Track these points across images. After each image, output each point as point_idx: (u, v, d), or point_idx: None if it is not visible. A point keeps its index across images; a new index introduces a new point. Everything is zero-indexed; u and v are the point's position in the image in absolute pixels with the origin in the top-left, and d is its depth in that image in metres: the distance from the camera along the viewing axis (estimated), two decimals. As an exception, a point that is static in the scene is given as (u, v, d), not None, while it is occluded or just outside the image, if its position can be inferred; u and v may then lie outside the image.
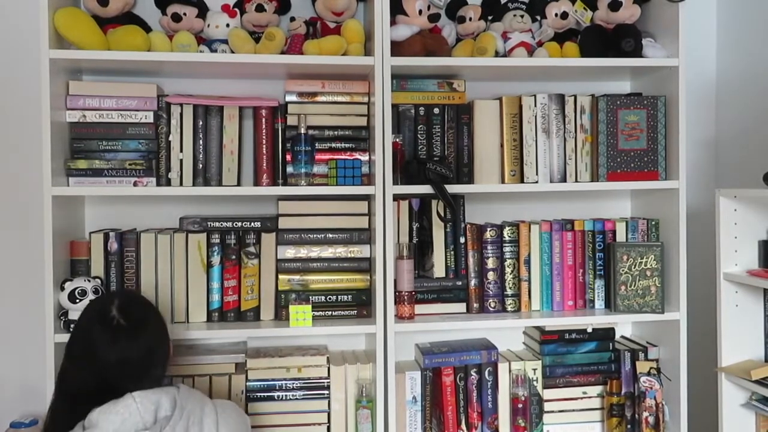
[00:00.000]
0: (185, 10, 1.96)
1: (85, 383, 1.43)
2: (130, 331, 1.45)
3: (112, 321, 1.44)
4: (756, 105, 2.25)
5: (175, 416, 1.41)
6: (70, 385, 1.46)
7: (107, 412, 1.36)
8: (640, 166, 2.07)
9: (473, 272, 2.07)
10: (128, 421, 1.36)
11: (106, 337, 1.43)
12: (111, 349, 1.42)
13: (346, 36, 1.95)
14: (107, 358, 1.42)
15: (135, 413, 1.37)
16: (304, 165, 1.95)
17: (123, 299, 1.51)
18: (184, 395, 1.46)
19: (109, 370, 1.42)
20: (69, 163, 1.88)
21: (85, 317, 1.50)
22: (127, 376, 1.43)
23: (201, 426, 1.44)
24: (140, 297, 1.64)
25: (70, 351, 1.49)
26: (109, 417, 1.35)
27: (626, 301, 2.06)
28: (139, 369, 1.45)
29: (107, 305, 1.47)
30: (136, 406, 1.38)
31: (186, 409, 1.43)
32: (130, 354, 1.43)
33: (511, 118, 2.05)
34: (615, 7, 2.06)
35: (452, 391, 2.05)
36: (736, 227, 1.98)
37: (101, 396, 1.40)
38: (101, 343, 1.43)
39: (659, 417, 2.03)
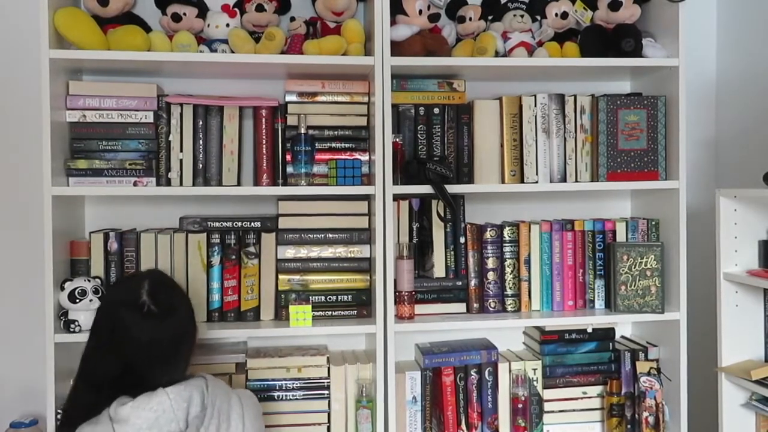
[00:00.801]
0: (185, 10, 1.96)
1: (110, 367, 1.40)
2: (160, 315, 1.42)
3: (142, 306, 1.41)
4: (756, 105, 2.25)
5: (207, 415, 1.40)
6: (94, 369, 1.43)
7: (140, 408, 1.33)
8: (640, 166, 2.07)
9: (473, 272, 2.07)
10: (162, 418, 1.33)
11: (135, 321, 1.40)
12: (140, 333, 1.39)
13: (346, 36, 1.95)
14: (136, 341, 1.39)
15: (169, 411, 1.34)
16: (304, 165, 1.95)
17: (153, 282, 1.47)
18: (212, 389, 1.44)
19: (136, 354, 1.39)
20: (69, 163, 1.88)
21: (113, 299, 1.48)
22: (154, 360, 1.40)
23: (229, 421, 1.43)
24: (169, 280, 1.61)
25: (95, 333, 1.46)
26: (142, 413, 1.32)
27: (626, 301, 2.06)
28: (166, 354, 1.42)
29: (137, 289, 1.44)
30: (170, 403, 1.35)
31: (216, 405, 1.42)
32: (159, 336, 1.41)
33: (511, 118, 2.05)
34: (615, 7, 2.06)
35: (452, 391, 2.05)
36: (736, 227, 1.98)
37: (126, 382, 1.37)
38: (130, 326, 1.40)
39: (659, 417, 2.03)
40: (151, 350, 1.40)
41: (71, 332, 1.82)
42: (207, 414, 1.40)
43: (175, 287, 1.56)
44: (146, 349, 1.39)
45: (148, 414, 1.32)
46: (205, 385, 1.43)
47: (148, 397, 1.34)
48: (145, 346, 1.39)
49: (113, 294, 1.51)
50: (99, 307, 1.53)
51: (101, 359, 1.42)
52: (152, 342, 1.40)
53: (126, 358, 1.39)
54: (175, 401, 1.35)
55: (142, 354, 1.39)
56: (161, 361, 1.41)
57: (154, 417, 1.32)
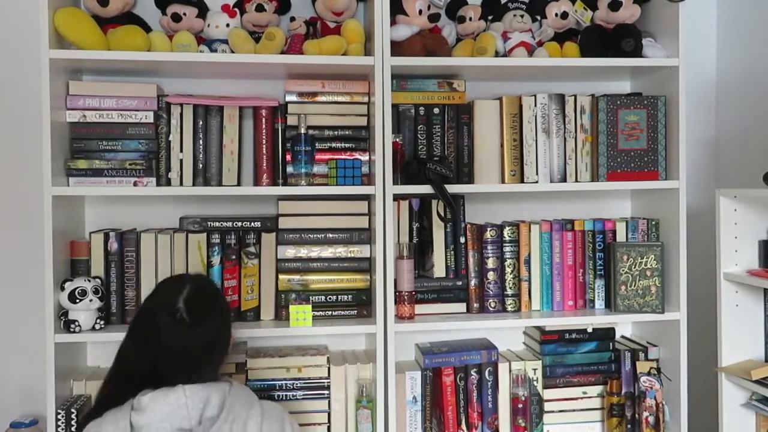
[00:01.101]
0: (185, 10, 1.96)
1: (142, 364, 1.44)
2: (192, 324, 1.43)
3: (176, 313, 1.43)
4: (756, 105, 2.25)
5: (221, 417, 1.41)
6: (128, 363, 1.48)
7: (158, 400, 1.38)
8: (640, 166, 2.07)
9: (473, 272, 2.07)
10: (175, 414, 1.37)
11: (168, 326, 1.43)
12: (170, 338, 1.42)
13: (346, 36, 1.95)
14: (166, 345, 1.42)
15: (183, 407, 1.37)
16: (304, 165, 1.95)
17: (193, 289, 1.48)
18: (234, 395, 1.46)
19: (165, 356, 1.42)
20: (69, 163, 1.88)
21: (153, 301, 1.50)
22: (182, 365, 1.43)
23: (245, 427, 1.43)
24: (211, 288, 1.59)
25: (133, 330, 1.49)
26: (159, 406, 1.37)
27: (626, 301, 2.06)
28: (196, 359, 1.44)
29: (176, 294, 1.46)
30: (186, 400, 1.38)
31: (233, 411, 1.43)
32: (189, 343, 1.43)
33: (511, 118, 2.05)
34: (615, 7, 2.06)
35: (452, 391, 2.05)
36: (736, 227, 1.98)
37: (155, 379, 1.41)
38: (162, 330, 1.43)
39: (659, 417, 2.03)
40: (180, 355, 1.43)
41: (71, 332, 1.82)
42: (221, 417, 1.41)
43: (215, 296, 1.56)
44: (176, 353, 1.43)
45: (164, 407, 1.37)
46: (228, 389, 1.45)
47: (166, 392, 1.38)
48: (175, 351, 1.43)
49: (154, 295, 1.52)
50: (141, 304, 1.55)
51: (135, 356, 1.46)
52: (182, 348, 1.43)
53: (156, 358, 1.43)
54: (191, 399, 1.38)
55: (172, 357, 1.43)
56: (189, 366, 1.44)
57: (168, 411, 1.36)
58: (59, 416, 1.82)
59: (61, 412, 1.82)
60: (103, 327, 1.88)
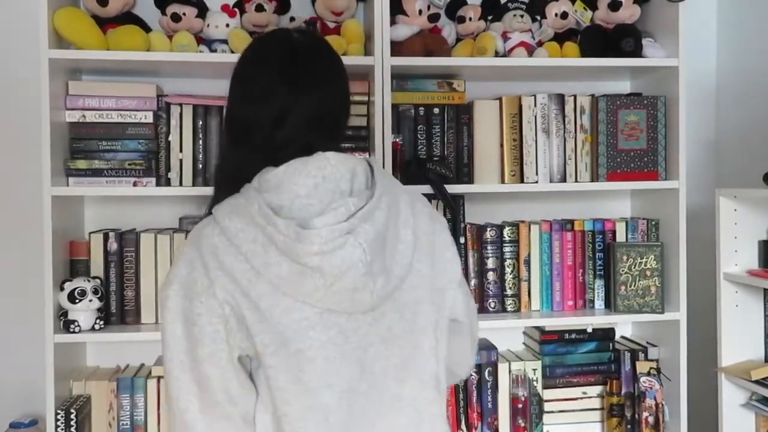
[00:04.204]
0: (185, 10, 1.96)
1: (258, 138, 1.11)
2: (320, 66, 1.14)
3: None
4: (756, 105, 2.25)
5: (378, 188, 1.08)
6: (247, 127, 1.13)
7: (294, 173, 1.04)
8: (640, 166, 2.07)
9: (473, 272, 2.07)
10: (321, 186, 1.04)
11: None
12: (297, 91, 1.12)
13: (346, 36, 1.95)
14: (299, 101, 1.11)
15: (330, 178, 1.05)
16: (303, 165, 1.95)
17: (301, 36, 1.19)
18: (379, 167, 1.14)
19: (295, 118, 1.10)
20: (68, 163, 1.88)
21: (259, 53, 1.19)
22: (316, 128, 1.12)
23: (398, 207, 1.11)
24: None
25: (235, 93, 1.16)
26: (298, 179, 1.04)
27: (626, 301, 2.06)
28: (332, 122, 1.15)
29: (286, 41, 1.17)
30: (332, 169, 1.05)
31: (385, 182, 1.11)
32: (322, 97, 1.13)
33: (511, 118, 2.05)
34: (615, 7, 2.06)
35: (452, 391, 2.05)
36: (737, 227, 1.98)
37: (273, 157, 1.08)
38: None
39: (659, 417, 2.03)
40: (315, 115, 1.13)
41: (71, 332, 1.81)
42: (377, 188, 1.08)
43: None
44: (308, 113, 1.13)
45: (306, 180, 1.04)
46: (368, 161, 1.14)
47: (303, 160, 1.06)
48: (306, 110, 1.12)
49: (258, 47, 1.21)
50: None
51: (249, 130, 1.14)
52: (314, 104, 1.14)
53: (276, 124, 1.11)
54: (337, 168, 1.06)
55: (303, 119, 1.12)
56: (327, 130, 1.14)
57: (313, 184, 1.04)
58: (59, 416, 1.82)
59: (60, 412, 1.81)
60: (103, 327, 1.87)
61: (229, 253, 1.03)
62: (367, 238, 1.02)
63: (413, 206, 1.15)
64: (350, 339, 1.06)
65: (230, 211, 1.05)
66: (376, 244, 1.04)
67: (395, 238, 1.09)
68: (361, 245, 1.01)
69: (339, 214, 1.02)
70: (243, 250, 1.02)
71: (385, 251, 1.06)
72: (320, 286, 1.01)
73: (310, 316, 1.03)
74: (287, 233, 1.00)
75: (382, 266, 1.05)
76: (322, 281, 1.01)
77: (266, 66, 1.14)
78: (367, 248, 1.02)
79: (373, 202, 1.06)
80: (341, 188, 1.06)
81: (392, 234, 1.08)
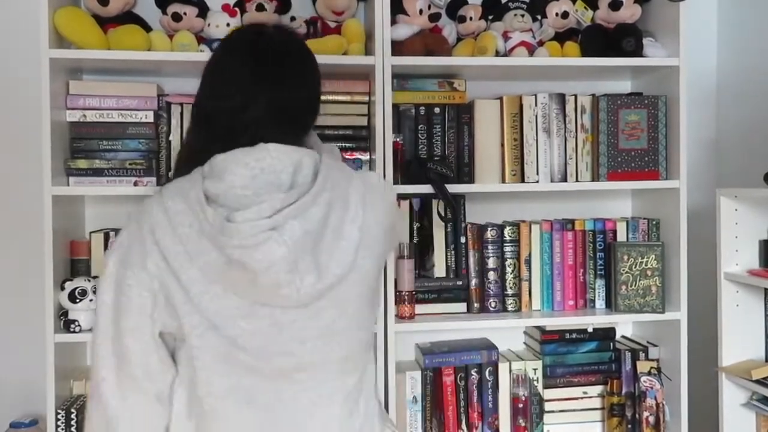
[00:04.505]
0: (185, 9, 1.96)
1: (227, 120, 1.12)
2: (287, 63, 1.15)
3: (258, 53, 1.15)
4: (757, 104, 2.25)
5: (317, 183, 1.08)
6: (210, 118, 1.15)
7: (234, 163, 1.05)
8: (641, 165, 2.07)
9: (474, 272, 2.07)
10: (260, 178, 1.05)
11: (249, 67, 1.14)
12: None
13: (347, 35, 1.95)
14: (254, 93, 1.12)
15: (269, 170, 1.05)
16: (304, 165, 1.95)
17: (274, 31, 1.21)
18: (328, 162, 1.13)
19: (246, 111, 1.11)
20: (69, 163, 1.88)
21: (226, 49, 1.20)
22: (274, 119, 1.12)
23: (347, 203, 1.10)
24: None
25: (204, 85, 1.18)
26: (236, 169, 1.05)
27: (627, 301, 2.06)
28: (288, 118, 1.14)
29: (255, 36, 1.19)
30: (272, 161, 1.06)
31: (330, 180, 1.10)
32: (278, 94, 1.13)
33: (512, 118, 2.05)
34: (616, 7, 2.06)
35: (453, 391, 2.05)
36: (737, 227, 1.98)
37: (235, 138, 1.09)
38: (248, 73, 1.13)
39: (660, 417, 2.03)
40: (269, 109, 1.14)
41: (71, 332, 1.81)
42: (318, 183, 1.07)
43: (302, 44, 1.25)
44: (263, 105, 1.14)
45: (244, 171, 1.05)
46: (319, 157, 1.13)
47: (245, 151, 1.06)
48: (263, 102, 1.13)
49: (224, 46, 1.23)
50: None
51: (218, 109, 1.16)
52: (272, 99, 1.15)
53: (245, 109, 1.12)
54: (279, 160, 1.06)
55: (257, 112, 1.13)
56: (280, 122, 1.14)
57: (251, 175, 1.05)
58: (59, 416, 1.82)
59: (61, 412, 1.82)
60: (103, 327, 1.87)
61: (167, 233, 1.05)
62: (293, 236, 1.02)
63: (366, 202, 1.13)
64: (285, 331, 1.07)
65: (175, 193, 1.08)
66: (306, 242, 1.04)
67: (337, 234, 1.08)
68: (286, 243, 1.01)
69: (262, 209, 1.02)
70: (179, 233, 1.04)
71: (319, 248, 1.06)
72: (244, 279, 1.03)
73: (241, 305, 1.05)
74: (213, 223, 1.02)
75: (312, 264, 1.04)
76: (245, 275, 1.02)
77: (236, 59, 1.15)
78: (292, 246, 1.02)
79: (307, 198, 1.05)
80: (281, 181, 1.06)
81: (333, 230, 1.08)
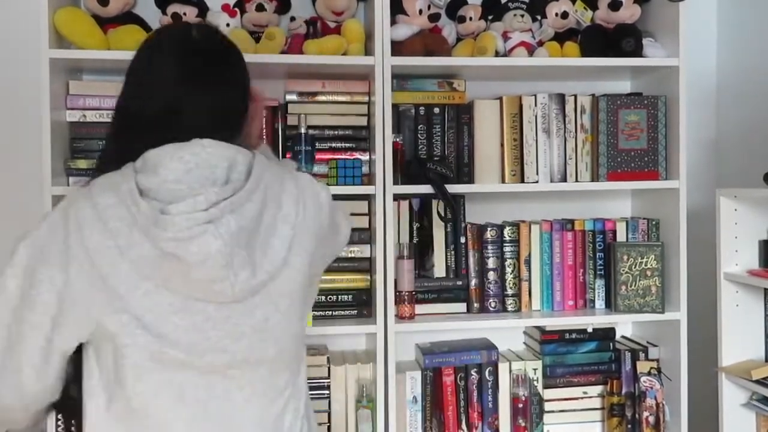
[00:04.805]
0: (185, 9, 1.96)
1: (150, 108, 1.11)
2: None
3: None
4: (757, 104, 2.25)
5: (251, 180, 1.08)
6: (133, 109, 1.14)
7: (168, 157, 1.04)
8: (641, 165, 2.07)
9: (473, 272, 2.07)
10: (194, 172, 1.04)
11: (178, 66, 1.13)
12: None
13: (346, 36, 1.95)
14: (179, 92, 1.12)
15: (204, 164, 1.05)
16: (304, 165, 1.95)
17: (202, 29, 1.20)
18: (261, 161, 1.13)
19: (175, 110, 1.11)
20: (69, 163, 1.88)
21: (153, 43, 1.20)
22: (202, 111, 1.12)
23: (280, 202, 1.11)
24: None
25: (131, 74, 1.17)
26: (170, 163, 1.04)
27: (626, 301, 2.06)
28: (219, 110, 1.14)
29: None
30: (207, 156, 1.06)
31: (264, 179, 1.10)
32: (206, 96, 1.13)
33: (512, 118, 2.05)
34: (615, 7, 2.06)
35: (453, 391, 2.05)
36: (737, 227, 1.98)
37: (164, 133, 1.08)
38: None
39: (660, 417, 2.03)
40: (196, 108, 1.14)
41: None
42: (251, 182, 1.08)
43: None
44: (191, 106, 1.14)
45: (177, 165, 1.04)
46: (254, 154, 1.14)
47: (178, 146, 1.06)
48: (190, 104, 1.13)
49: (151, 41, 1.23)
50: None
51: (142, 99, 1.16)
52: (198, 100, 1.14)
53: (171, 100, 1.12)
54: (213, 156, 1.06)
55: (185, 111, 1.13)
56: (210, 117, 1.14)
57: (184, 169, 1.04)
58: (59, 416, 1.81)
59: (61, 412, 1.81)
60: (103, 327, 1.87)
61: (96, 228, 1.02)
62: (228, 230, 1.02)
63: (298, 201, 1.14)
64: (219, 327, 1.06)
65: (105, 188, 1.05)
66: (241, 237, 1.04)
67: (270, 232, 1.09)
68: (222, 236, 1.01)
69: (198, 202, 1.01)
70: (110, 227, 1.02)
71: (254, 245, 1.06)
72: (178, 272, 1.02)
73: (174, 301, 1.03)
74: (147, 215, 1.01)
75: (246, 260, 1.04)
76: (179, 268, 1.01)
77: (163, 59, 1.14)
78: (228, 240, 1.02)
79: (242, 194, 1.05)
80: (216, 176, 1.06)
81: (266, 228, 1.08)
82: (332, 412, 1.99)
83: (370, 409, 1.95)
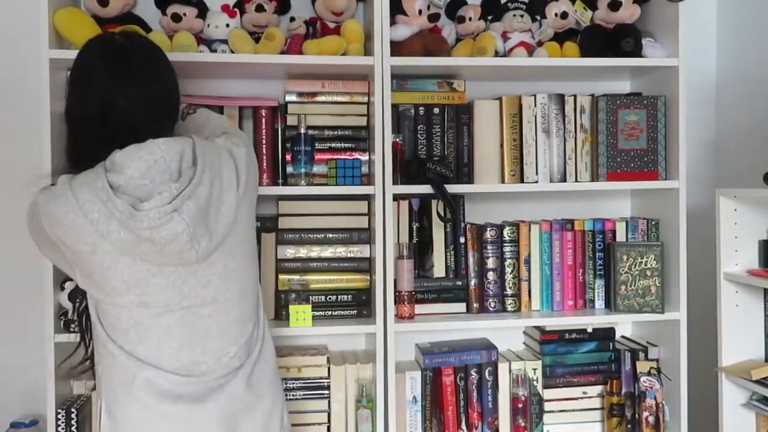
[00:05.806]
0: (185, 10, 1.96)
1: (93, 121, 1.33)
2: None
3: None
4: (756, 104, 2.25)
5: (198, 167, 1.30)
6: (77, 116, 1.36)
7: (131, 157, 1.26)
8: (640, 165, 2.07)
9: (473, 272, 2.07)
10: (153, 168, 1.26)
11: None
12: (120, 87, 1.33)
13: (346, 36, 1.95)
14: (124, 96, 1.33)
15: (161, 161, 1.27)
16: (303, 165, 1.95)
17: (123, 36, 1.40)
18: (201, 145, 1.34)
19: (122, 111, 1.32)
20: (69, 163, 1.87)
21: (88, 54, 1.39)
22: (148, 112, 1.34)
23: (221, 177, 1.34)
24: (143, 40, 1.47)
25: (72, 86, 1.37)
26: (132, 163, 1.26)
27: (626, 301, 2.06)
28: (155, 113, 1.36)
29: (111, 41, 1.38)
30: (162, 153, 1.28)
31: (206, 160, 1.32)
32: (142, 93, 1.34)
33: (511, 118, 2.05)
34: (615, 7, 2.06)
35: (452, 391, 2.05)
36: (737, 227, 1.98)
37: (120, 135, 1.30)
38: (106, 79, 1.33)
39: (659, 417, 2.03)
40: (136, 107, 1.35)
41: (71, 332, 1.81)
42: (199, 166, 1.30)
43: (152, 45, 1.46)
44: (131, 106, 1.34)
45: (139, 163, 1.26)
46: (194, 141, 1.35)
47: (137, 146, 1.27)
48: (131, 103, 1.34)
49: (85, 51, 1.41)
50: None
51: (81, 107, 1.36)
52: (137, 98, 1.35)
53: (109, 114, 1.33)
54: (168, 153, 1.28)
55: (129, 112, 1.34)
56: (153, 115, 1.36)
57: (145, 167, 1.26)
58: (59, 416, 1.82)
59: (61, 412, 1.82)
60: (103, 327, 1.88)
61: (79, 218, 1.25)
62: (189, 214, 1.27)
63: (234, 169, 1.37)
64: (189, 280, 1.32)
65: (82, 183, 1.27)
66: (199, 216, 1.28)
67: (219, 202, 1.33)
68: (185, 220, 1.26)
69: (163, 197, 1.25)
70: (89, 218, 1.25)
71: (209, 217, 1.31)
72: (152, 249, 1.26)
73: (150, 267, 1.29)
74: (123, 211, 1.23)
75: (204, 230, 1.29)
76: (153, 247, 1.26)
77: (95, 66, 1.34)
78: (190, 222, 1.26)
79: (195, 181, 1.29)
80: (171, 169, 1.29)
81: (216, 200, 1.32)
82: (332, 412, 1.99)
83: (369, 409, 1.95)
